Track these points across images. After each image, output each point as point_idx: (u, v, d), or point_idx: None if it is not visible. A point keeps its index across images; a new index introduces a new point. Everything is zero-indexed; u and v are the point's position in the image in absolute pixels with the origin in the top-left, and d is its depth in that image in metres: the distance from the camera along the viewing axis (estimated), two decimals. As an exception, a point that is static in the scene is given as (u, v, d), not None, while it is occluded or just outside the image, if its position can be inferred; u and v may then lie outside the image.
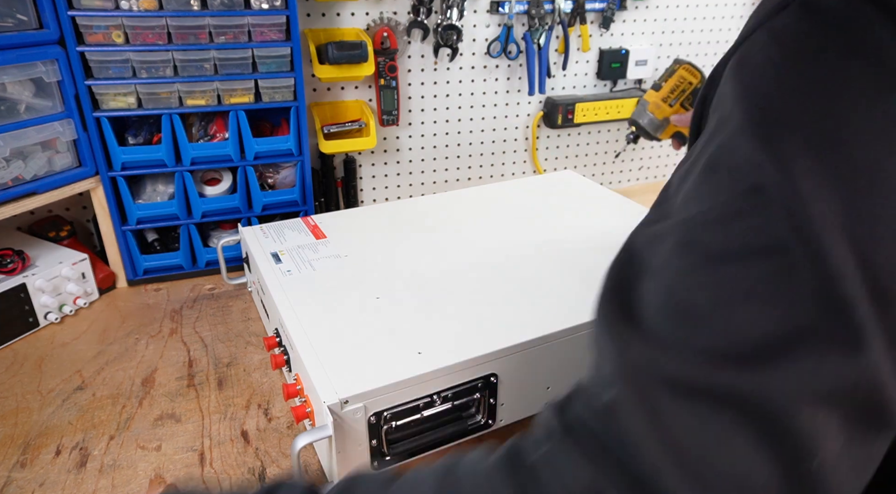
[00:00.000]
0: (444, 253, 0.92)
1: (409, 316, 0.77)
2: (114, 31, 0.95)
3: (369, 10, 1.22)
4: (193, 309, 1.04)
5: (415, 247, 0.95)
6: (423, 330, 0.75)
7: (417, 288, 0.83)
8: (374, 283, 0.85)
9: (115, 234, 1.07)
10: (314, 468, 0.72)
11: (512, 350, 0.72)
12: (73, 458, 0.74)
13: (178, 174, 1.06)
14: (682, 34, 1.51)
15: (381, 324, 0.76)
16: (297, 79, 1.06)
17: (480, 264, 0.89)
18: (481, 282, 0.85)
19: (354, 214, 1.08)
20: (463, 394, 0.71)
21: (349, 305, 0.80)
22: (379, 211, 1.08)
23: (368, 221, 1.04)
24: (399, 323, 0.76)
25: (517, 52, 1.36)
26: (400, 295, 0.82)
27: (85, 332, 0.97)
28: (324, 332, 0.74)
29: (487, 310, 0.78)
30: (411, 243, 0.96)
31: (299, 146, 1.11)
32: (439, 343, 0.72)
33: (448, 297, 0.81)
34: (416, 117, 1.35)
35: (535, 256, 0.91)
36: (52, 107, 0.96)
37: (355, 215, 1.07)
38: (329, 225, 1.02)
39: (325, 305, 0.80)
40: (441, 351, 0.70)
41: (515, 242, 0.95)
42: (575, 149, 1.54)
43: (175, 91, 1.01)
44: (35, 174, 0.96)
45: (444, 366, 0.68)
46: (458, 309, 0.79)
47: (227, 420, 0.79)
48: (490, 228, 1.01)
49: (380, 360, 0.69)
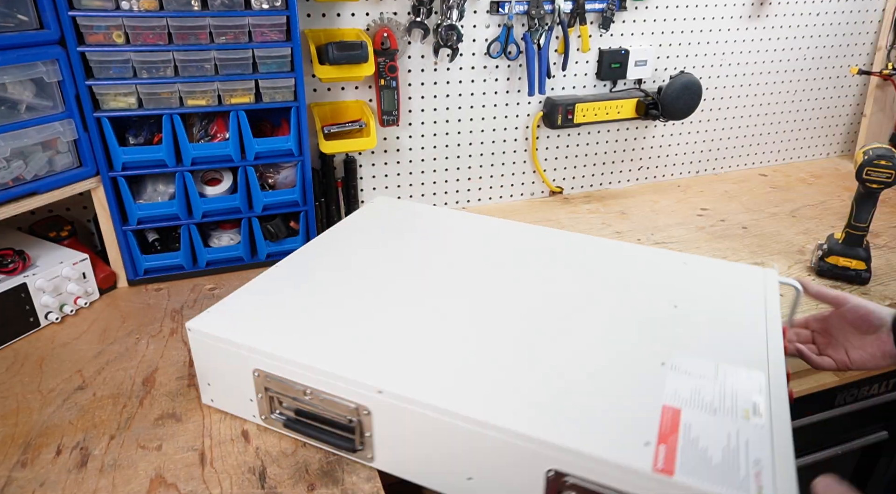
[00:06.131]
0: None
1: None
2: (114, 32, 0.95)
3: (369, 10, 1.23)
4: (194, 308, 1.04)
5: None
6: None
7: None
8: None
9: (116, 234, 1.07)
10: (314, 467, 0.72)
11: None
12: (74, 458, 0.74)
13: (178, 174, 1.06)
14: (682, 34, 1.52)
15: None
16: (297, 79, 1.06)
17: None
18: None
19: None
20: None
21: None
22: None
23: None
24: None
25: (517, 52, 1.36)
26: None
27: (85, 332, 0.98)
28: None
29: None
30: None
31: (299, 146, 1.11)
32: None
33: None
34: (416, 117, 1.35)
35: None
36: (53, 108, 0.96)
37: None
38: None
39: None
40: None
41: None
42: (575, 149, 1.54)
43: (175, 91, 1.01)
44: (36, 174, 0.96)
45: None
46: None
47: (228, 420, 0.80)
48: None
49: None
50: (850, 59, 1.75)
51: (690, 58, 1.55)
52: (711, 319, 0.78)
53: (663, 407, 0.62)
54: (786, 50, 1.65)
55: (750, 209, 1.49)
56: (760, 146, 1.77)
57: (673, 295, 0.83)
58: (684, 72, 1.51)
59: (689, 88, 1.46)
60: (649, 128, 1.60)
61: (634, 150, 1.61)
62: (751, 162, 1.78)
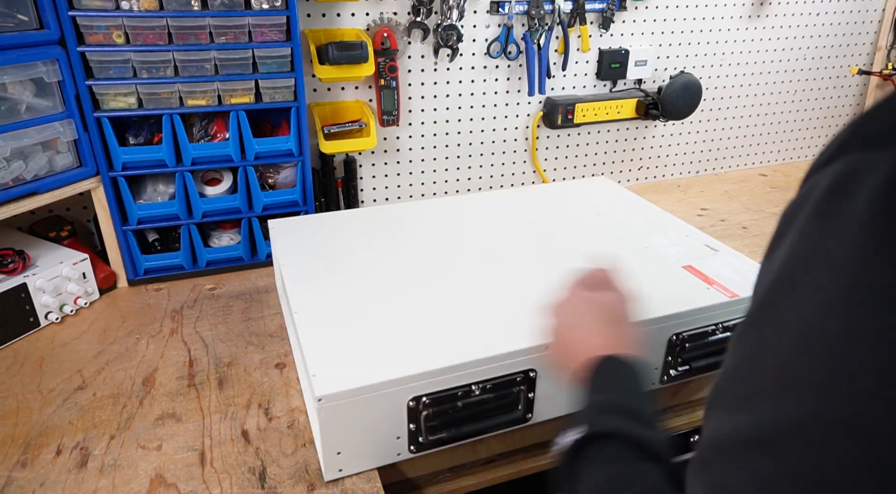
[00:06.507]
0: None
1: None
2: (114, 32, 0.95)
3: (369, 10, 1.23)
4: (194, 308, 1.04)
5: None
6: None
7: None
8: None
9: (116, 234, 1.07)
10: (314, 468, 0.72)
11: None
12: (74, 458, 0.74)
13: (178, 174, 1.06)
14: (682, 34, 1.51)
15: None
16: (297, 79, 1.06)
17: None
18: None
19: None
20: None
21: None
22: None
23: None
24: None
25: (517, 52, 1.36)
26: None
27: (85, 332, 0.98)
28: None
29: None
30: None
31: (299, 146, 1.11)
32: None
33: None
34: (416, 117, 1.35)
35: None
36: (53, 108, 0.96)
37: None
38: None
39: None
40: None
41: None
42: (575, 149, 1.54)
43: (176, 91, 1.01)
44: (36, 174, 0.96)
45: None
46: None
47: (228, 420, 0.80)
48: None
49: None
50: (850, 58, 1.75)
51: (690, 58, 1.55)
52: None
53: (685, 267, 0.91)
54: (786, 50, 1.65)
55: (750, 209, 1.49)
56: (760, 146, 1.77)
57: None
58: (684, 72, 1.51)
59: (689, 88, 1.46)
60: (649, 128, 1.60)
61: (634, 150, 1.61)
62: (751, 162, 1.78)
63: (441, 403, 0.72)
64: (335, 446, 0.69)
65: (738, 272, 0.90)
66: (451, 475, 0.86)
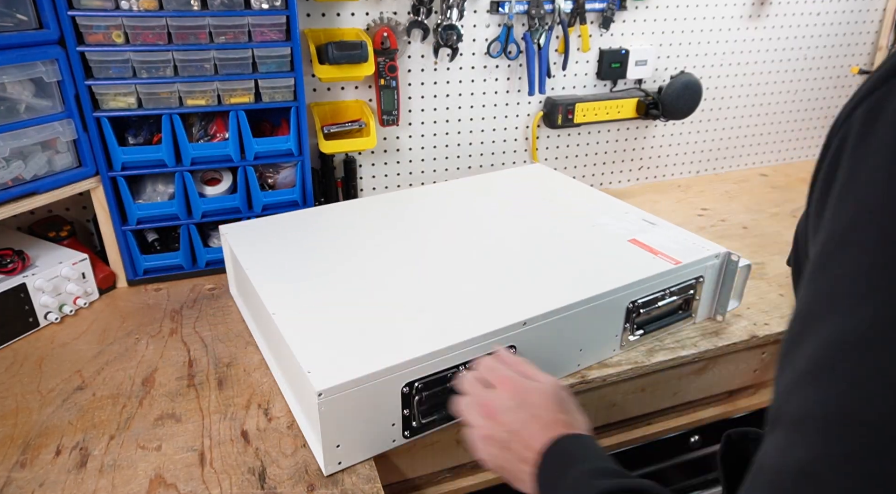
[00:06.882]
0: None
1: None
2: (114, 31, 0.95)
3: (369, 10, 1.22)
4: (193, 309, 1.04)
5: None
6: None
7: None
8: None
9: (116, 234, 1.07)
10: (314, 468, 0.72)
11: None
12: (73, 458, 0.74)
13: (178, 174, 1.06)
14: (682, 34, 1.51)
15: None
16: (297, 79, 1.06)
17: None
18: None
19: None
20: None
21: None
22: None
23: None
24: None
25: (517, 52, 1.36)
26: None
27: (85, 332, 0.97)
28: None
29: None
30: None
31: (299, 146, 1.11)
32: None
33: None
34: (416, 117, 1.35)
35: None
36: (52, 107, 0.96)
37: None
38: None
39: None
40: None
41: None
42: (575, 149, 1.54)
43: (175, 91, 1.01)
44: (35, 174, 0.96)
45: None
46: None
47: (228, 420, 0.79)
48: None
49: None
50: (850, 59, 1.75)
51: (690, 58, 1.55)
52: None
53: (630, 241, 0.98)
54: (786, 50, 1.65)
55: (750, 209, 1.49)
56: (761, 146, 1.77)
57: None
58: (685, 71, 1.51)
59: (689, 88, 1.46)
60: (649, 128, 1.60)
61: (634, 150, 1.61)
62: (751, 162, 1.78)
63: (432, 386, 0.74)
64: (335, 439, 0.70)
65: (675, 241, 0.98)
66: (451, 475, 0.86)
